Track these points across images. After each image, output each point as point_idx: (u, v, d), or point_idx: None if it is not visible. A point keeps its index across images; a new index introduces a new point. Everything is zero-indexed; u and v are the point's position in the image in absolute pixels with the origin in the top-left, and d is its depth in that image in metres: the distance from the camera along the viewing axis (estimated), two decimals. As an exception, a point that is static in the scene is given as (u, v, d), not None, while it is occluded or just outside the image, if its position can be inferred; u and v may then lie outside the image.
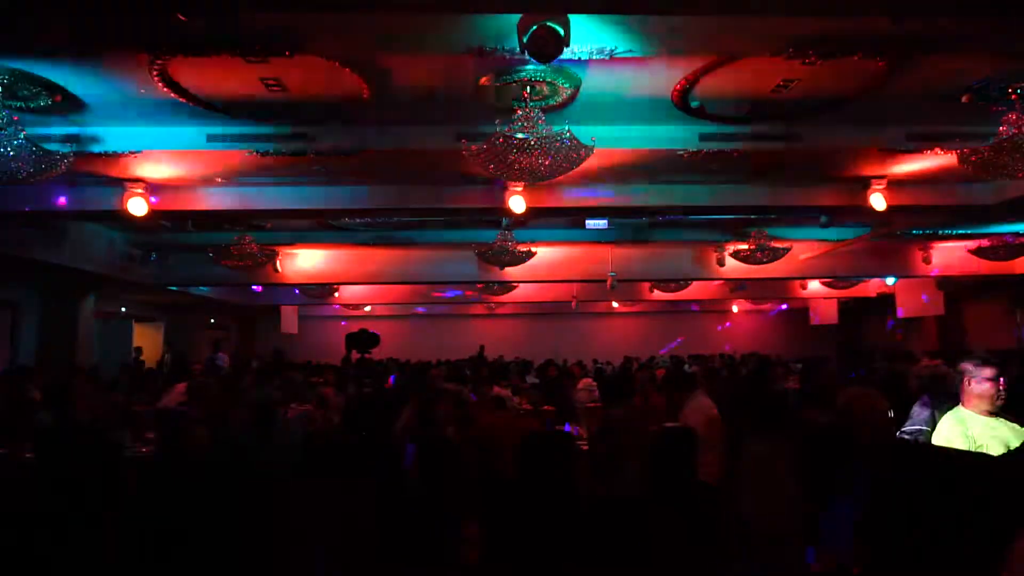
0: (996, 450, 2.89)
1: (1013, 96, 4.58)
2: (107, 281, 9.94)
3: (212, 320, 16.84)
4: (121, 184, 6.27)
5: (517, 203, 6.30)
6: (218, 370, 8.38)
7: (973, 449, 2.92)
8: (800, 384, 10.25)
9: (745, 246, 9.25)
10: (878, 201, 6.51)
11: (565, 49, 3.54)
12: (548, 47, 3.44)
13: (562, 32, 3.46)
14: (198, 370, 10.32)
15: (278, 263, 10.21)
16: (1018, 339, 12.96)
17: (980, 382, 3.06)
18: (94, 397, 6.30)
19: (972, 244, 10.01)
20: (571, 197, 6.93)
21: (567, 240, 10.18)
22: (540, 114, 4.38)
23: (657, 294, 14.41)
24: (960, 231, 9.76)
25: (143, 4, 3.35)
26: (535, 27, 3.42)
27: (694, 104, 4.94)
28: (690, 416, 4.99)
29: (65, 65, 4.22)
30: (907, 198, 6.86)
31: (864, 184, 6.57)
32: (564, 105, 4.84)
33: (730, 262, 10.46)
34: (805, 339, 17.78)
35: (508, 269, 9.74)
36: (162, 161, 5.81)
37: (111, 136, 5.27)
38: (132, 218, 6.43)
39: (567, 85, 4.52)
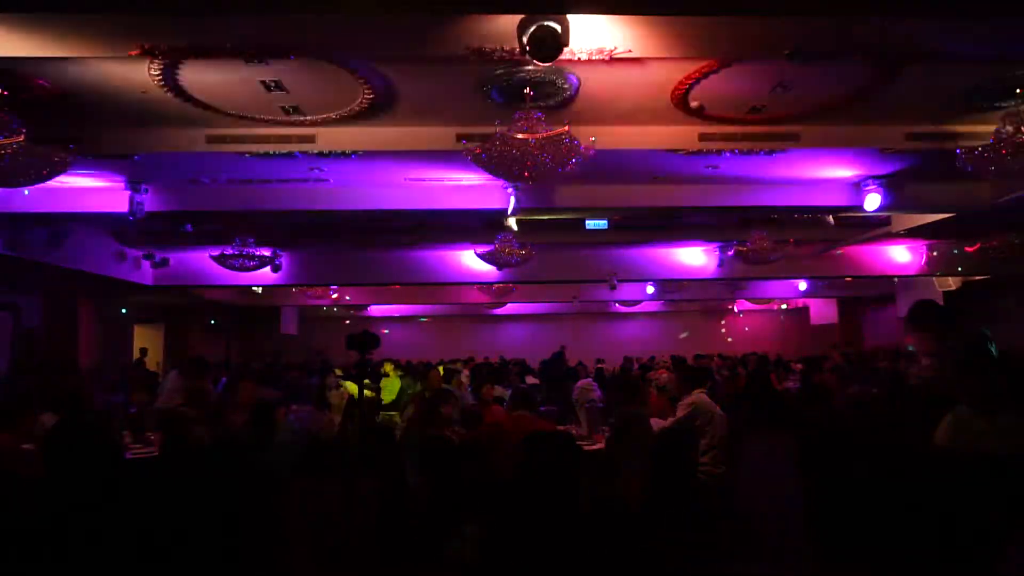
0: None
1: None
2: (107, 282, 9.93)
3: (212, 321, 16.84)
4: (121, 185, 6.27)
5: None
6: None
7: None
8: (800, 384, 10.26)
9: (745, 246, 9.24)
10: (873, 201, 6.53)
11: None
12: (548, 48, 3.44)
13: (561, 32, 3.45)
14: None
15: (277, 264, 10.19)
16: None
17: None
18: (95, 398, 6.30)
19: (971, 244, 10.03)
20: (571, 197, 6.93)
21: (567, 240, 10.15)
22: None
23: (657, 294, 14.40)
24: (960, 231, 9.75)
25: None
26: (534, 27, 3.41)
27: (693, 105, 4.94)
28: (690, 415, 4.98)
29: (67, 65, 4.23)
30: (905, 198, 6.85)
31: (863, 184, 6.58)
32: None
33: (730, 262, 10.47)
34: (805, 339, 17.78)
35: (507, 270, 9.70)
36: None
37: (112, 137, 5.28)
38: (132, 219, 6.43)
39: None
